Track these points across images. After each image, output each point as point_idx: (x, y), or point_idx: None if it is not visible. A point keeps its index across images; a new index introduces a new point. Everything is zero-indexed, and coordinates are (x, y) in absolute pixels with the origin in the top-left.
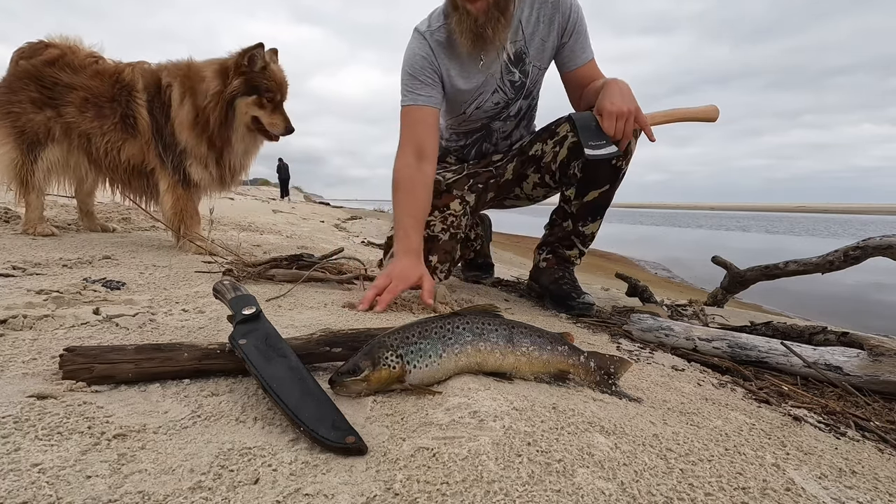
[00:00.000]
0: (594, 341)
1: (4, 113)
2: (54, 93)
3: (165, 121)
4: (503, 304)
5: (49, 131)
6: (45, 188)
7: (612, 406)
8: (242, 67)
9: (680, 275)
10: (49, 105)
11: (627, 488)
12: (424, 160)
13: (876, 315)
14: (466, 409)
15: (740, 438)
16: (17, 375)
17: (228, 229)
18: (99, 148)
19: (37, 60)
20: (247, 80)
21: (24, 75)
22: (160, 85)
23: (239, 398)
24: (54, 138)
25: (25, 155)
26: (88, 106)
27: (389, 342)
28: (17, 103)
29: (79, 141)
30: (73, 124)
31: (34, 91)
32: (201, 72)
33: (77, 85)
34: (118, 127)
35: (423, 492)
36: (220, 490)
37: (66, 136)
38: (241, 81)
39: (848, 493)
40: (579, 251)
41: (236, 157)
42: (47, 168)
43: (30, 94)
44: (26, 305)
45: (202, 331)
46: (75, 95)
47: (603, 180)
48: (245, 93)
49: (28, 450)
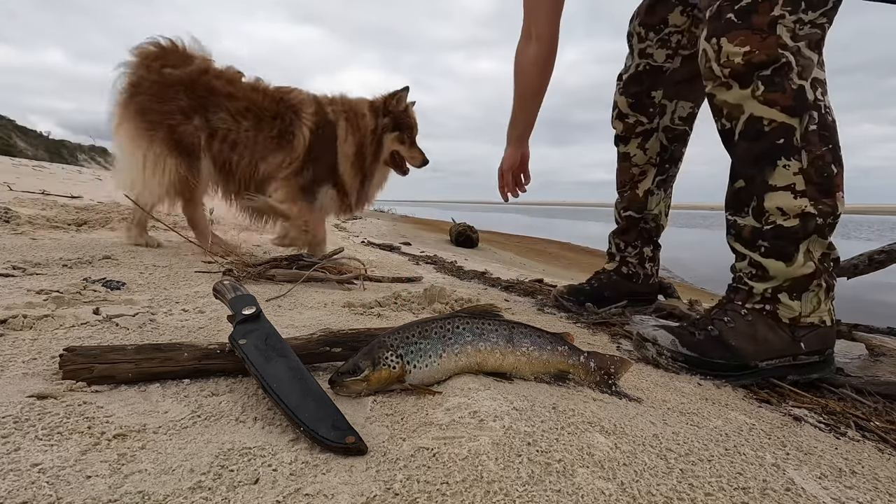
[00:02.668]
0: (594, 341)
1: (158, 123)
2: (207, 101)
3: (323, 146)
4: (503, 304)
5: (199, 140)
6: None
7: (612, 406)
8: (390, 106)
9: (680, 275)
10: (198, 113)
11: (627, 488)
12: (530, 41)
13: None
14: (466, 409)
15: (740, 438)
16: (17, 375)
17: (228, 229)
18: (242, 156)
19: (192, 69)
20: (393, 118)
21: (176, 83)
22: (326, 115)
23: (239, 398)
24: (202, 147)
25: (186, 167)
26: (248, 115)
27: (389, 342)
28: (171, 113)
29: (219, 147)
30: (221, 131)
31: (184, 100)
32: (361, 110)
33: (238, 95)
34: (272, 139)
35: (423, 492)
36: (220, 490)
37: (208, 144)
38: (389, 119)
39: (848, 493)
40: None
41: (373, 188)
42: (204, 178)
43: (180, 104)
44: (26, 305)
45: (202, 331)
46: (235, 105)
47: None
48: (391, 129)
49: (28, 450)
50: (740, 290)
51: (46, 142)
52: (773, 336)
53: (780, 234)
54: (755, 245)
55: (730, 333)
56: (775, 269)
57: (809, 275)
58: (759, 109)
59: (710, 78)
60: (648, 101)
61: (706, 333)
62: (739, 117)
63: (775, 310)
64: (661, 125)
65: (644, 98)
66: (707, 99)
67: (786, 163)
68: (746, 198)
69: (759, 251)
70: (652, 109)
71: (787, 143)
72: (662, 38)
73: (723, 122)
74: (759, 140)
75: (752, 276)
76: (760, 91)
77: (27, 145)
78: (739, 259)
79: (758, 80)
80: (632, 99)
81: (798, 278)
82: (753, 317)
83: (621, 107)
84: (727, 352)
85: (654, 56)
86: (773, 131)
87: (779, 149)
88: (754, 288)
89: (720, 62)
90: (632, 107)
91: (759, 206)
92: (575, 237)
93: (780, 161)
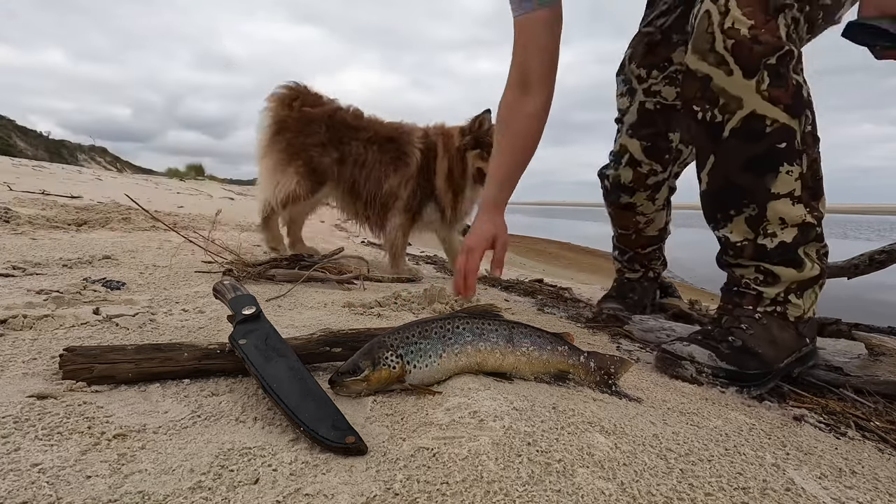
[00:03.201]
0: (594, 341)
1: (300, 152)
2: (341, 134)
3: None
4: (503, 304)
5: (331, 168)
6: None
7: (612, 406)
8: (474, 129)
9: (680, 275)
10: (332, 145)
11: (627, 488)
12: (528, 89)
13: (877, 315)
14: (466, 409)
15: (740, 438)
16: (17, 375)
17: (229, 229)
18: (369, 176)
19: (327, 108)
20: (475, 137)
21: (314, 120)
22: (430, 137)
23: (239, 398)
24: (334, 173)
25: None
26: (373, 142)
27: (389, 342)
28: (312, 147)
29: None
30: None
31: (324, 134)
32: (452, 132)
33: (363, 127)
34: (391, 161)
35: (423, 492)
36: (220, 490)
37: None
38: (471, 138)
39: (848, 493)
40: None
41: (467, 203)
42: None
43: (319, 138)
44: (26, 305)
45: (202, 331)
46: (362, 135)
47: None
48: (472, 147)
49: (28, 450)
50: (747, 295)
51: (46, 142)
52: (786, 335)
53: (786, 248)
54: (761, 262)
55: (752, 341)
56: (787, 275)
57: (816, 276)
58: (761, 107)
59: (706, 50)
60: (665, 146)
61: (729, 344)
62: (736, 112)
63: (785, 310)
64: (673, 171)
65: (660, 141)
66: (687, 77)
67: (788, 168)
68: (733, 203)
69: (767, 261)
70: (668, 156)
71: (790, 147)
72: (669, 76)
73: (712, 113)
74: (758, 142)
75: (760, 283)
76: (766, 85)
77: (27, 145)
78: (740, 268)
79: (764, 69)
80: (647, 142)
81: (805, 280)
82: (767, 320)
83: (634, 152)
84: (755, 360)
85: (663, 93)
86: (775, 133)
87: (781, 153)
88: (765, 293)
89: (724, 28)
90: (647, 152)
91: (758, 216)
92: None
93: (783, 167)
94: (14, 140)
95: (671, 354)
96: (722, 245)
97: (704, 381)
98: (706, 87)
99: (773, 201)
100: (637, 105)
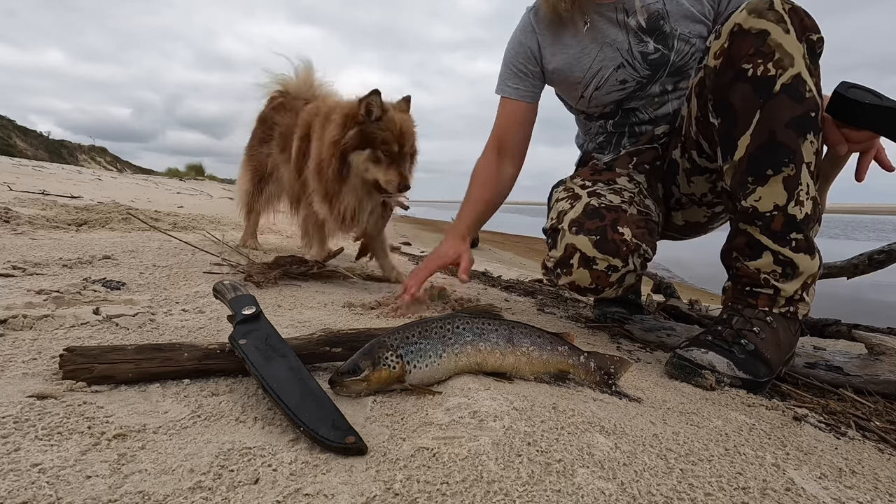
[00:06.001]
0: (594, 341)
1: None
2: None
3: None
4: (503, 304)
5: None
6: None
7: (612, 406)
8: (359, 118)
9: (680, 275)
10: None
11: (627, 488)
12: (504, 156)
13: (877, 315)
14: (466, 409)
15: (740, 438)
16: (17, 375)
17: (228, 229)
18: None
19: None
20: (361, 131)
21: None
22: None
23: (239, 398)
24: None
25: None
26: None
27: (389, 342)
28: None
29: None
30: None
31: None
32: (333, 115)
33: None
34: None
35: (423, 492)
36: (220, 490)
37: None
38: (354, 133)
39: (848, 493)
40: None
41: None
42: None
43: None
44: (26, 305)
45: (202, 331)
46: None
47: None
48: (358, 147)
49: (28, 450)
50: (762, 295)
51: (46, 142)
52: (789, 335)
53: (807, 222)
54: (786, 239)
55: (763, 345)
56: (805, 265)
57: (818, 269)
58: (805, 72)
59: (764, 9)
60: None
61: (742, 347)
62: (788, 69)
63: (797, 309)
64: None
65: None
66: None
67: (812, 139)
68: (773, 162)
69: (791, 245)
70: (625, 248)
71: (816, 119)
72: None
73: (765, 67)
74: (800, 103)
75: (779, 277)
76: (807, 55)
77: (27, 145)
78: (757, 257)
79: (805, 42)
80: (596, 236)
81: (815, 273)
82: (778, 323)
83: (583, 249)
84: (765, 366)
85: (608, 197)
86: (810, 101)
87: (812, 123)
88: (782, 290)
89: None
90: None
91: (795, 177)
92: None
93: (810, 136)
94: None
95: (690, 362)
96: (745, 218)
97: (719, 389)
98: (762, 42)
99: (804, 165)
100: (582, 205)
